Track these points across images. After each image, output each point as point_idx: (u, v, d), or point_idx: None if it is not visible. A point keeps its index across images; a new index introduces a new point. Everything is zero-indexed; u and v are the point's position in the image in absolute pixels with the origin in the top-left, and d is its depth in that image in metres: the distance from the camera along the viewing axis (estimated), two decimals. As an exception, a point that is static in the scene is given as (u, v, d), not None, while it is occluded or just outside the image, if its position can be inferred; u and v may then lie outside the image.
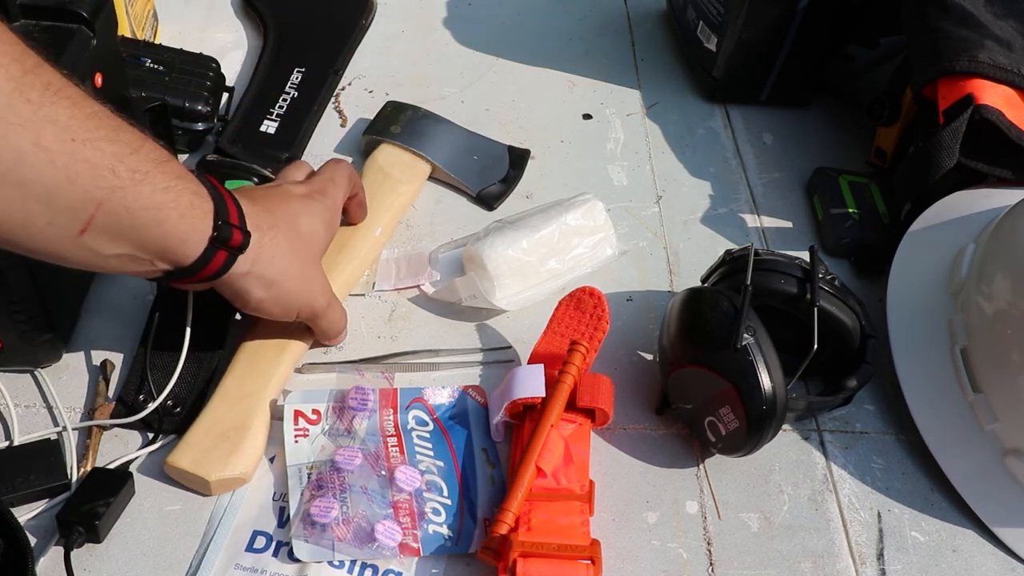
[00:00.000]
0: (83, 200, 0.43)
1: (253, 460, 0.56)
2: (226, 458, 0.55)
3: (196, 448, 0.55)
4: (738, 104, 0.91)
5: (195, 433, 0.56)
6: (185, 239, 0.48)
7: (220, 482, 0.55)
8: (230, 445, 0.55)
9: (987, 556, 0.57)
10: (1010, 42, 0.69)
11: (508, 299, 0.67)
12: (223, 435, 0.56)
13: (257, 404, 0.58)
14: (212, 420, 0.56)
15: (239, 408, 0.57)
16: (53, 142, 0.41)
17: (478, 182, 0.77)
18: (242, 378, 0.59)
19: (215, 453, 0.55)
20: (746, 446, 0.55)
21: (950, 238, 0.68)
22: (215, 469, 0.54)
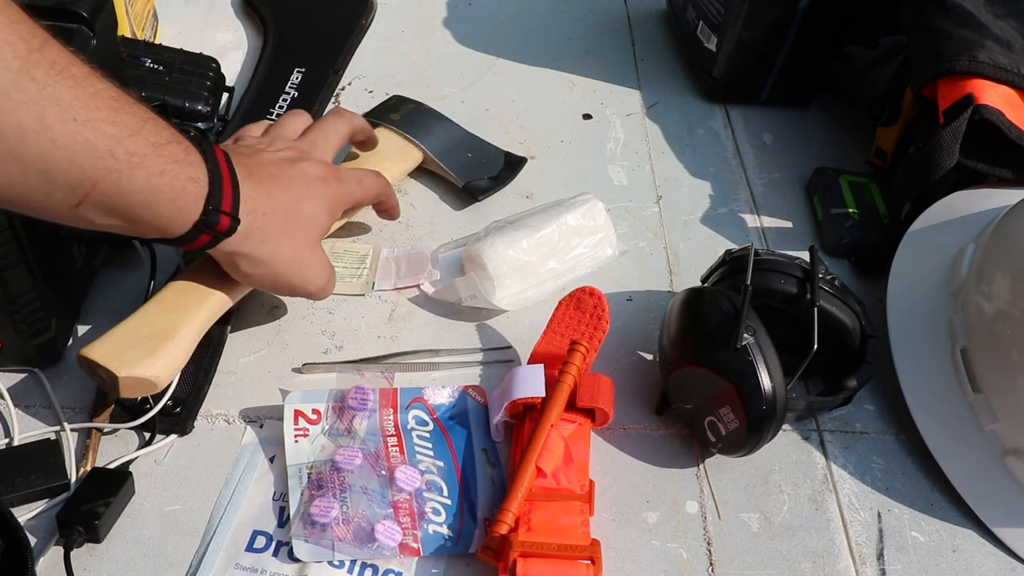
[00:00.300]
0: (80, 179, 0.44)
1: (169, 368, 0.54)
2: (141, 358, 0.53)
3: (114, 345, 0.53)
4: (738, 104, 0.91)
5: (117, 331, 0.54)
6: (173, 219, 0.50)
7: (129, 380, 0.53)
8: (150, 347, 0.53)
9: (987, 556, 0.57)
10: (1010, 42, 0.70)
11: (508, 299, 0.67)
12: (145, 337, 0.54)
13: (188, 317, 0.56)
14: (138, 323, 0.55)
15: (169, 316, 0.55)
16: (56, 121, 0.42)
17: (466, 175, 0.77)
18: (181, 291, 0.57)
19: (131, 351, 0.53)
20: (746, 446, 0.55)
21: (950, 238, 0.68)
22: (126, 366, 0.52)
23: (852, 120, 0.89)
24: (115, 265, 0.68)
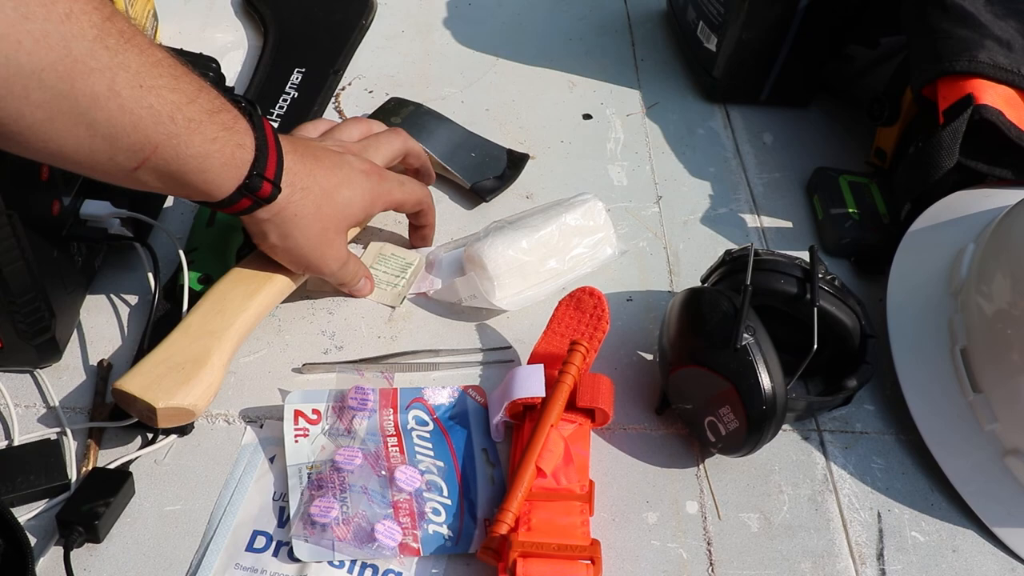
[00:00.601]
0: (142, 143, 0.47)
1: (206, 395, 0.54)
2: (177, 387, 0.53)
3: (148, 375, 0.53)
4: (738, 104, 0.91)
5: (149, 361, 0.54)
6: (221, 183, 0.52)
7: (168, 411, 0.53)
8: (183, 376, 0.54)
9: (987, 556, 0.57)
10: (1010, 42, 0.70)
11: (508, 299, 0.67)
12: (178, 366, 0.54)
13: (217, 342, 0.56)
14: (169, 352, 0.55)
15: (199, 343, 0.56)
16: (124, 87, 0.44)
17: (472, 175, 0.77)
18: (206, 316, 0.58)
19: (166, 381, 0.53)
20: (746, 446, 0.55)
21: (950, 238, 0.68)
22: (164, 396, 0.53)
23: (852, 120, 0.89)
24: (115, 265, 0.68)
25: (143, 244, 0.65)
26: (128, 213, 0.64)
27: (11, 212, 0.52)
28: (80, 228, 0.61)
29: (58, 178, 0.58)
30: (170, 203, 0.74)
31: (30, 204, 0.54)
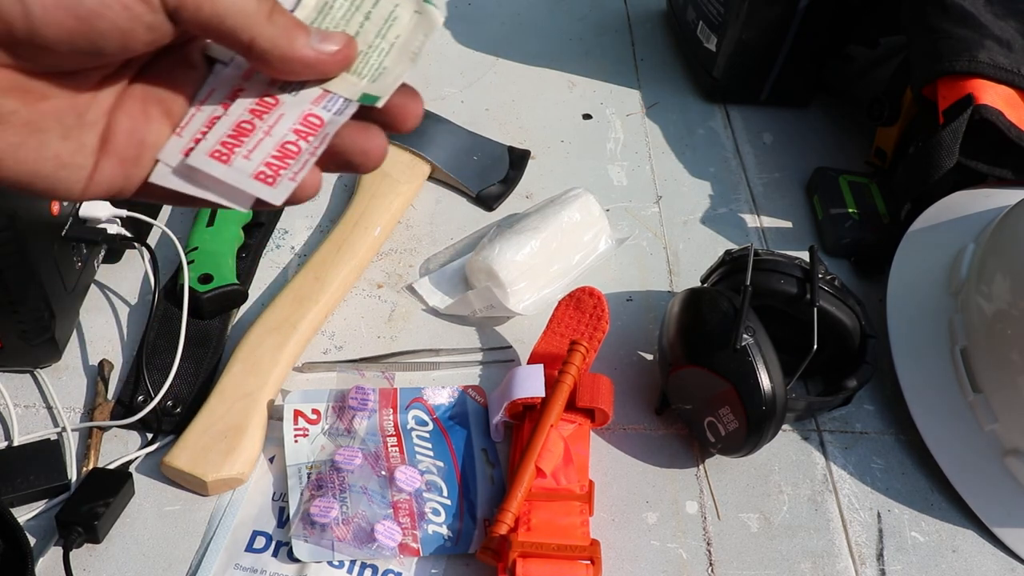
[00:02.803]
0: None
1: (250, 460, 0.56)
2: (223, 458, 0.55)
3: (193, 448, 0.55)
4: (738, 104, 0.91)
5: (192, 433, 0.56)
6: None
7: (217, 482, 0.55)
8: (227, 445, 0.55)
9: (987, 556, 0.57)
10: (1010, 42, 0.69)
11: (524, 304, 0.67)
12: (220, 435, 0.56)
13: (254, 404, 0.58)
14: (209, 420, 0.56)
15: (236, 408, 0.57)
16: None
17: (477, 183, 0.77)
18: (240, 377, 0.59)
19: (212, 453, 0.55)
20: (746, 446, 0.55)
21: (950, 238, 0.68)
22: (212, 469, 0.54)
23: (852, 120, 0.89)
24: (115, 265, 0.68)
25: (143, 244, 0.65)
26: (128, 213, 0.64)
27: (11, 212, 0.52)
28: (80, 228, 0.61)
29: (58, 178, 0.58)
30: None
31: (30, 204, 0.54)
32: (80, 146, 0.31)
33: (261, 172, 0.32)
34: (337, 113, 0.33)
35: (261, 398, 0.58)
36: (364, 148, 0.34)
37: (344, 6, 0.34)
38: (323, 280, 0.65)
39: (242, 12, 0.30)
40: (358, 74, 0.34)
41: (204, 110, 0.33)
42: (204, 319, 0.63)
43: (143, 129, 0.32)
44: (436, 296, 0.68)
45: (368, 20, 0.34)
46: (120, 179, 0.32)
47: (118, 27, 0.28)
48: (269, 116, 0.33)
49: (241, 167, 0.32)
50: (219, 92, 0.33)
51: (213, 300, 0.63)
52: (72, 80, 0.30)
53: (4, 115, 0.29)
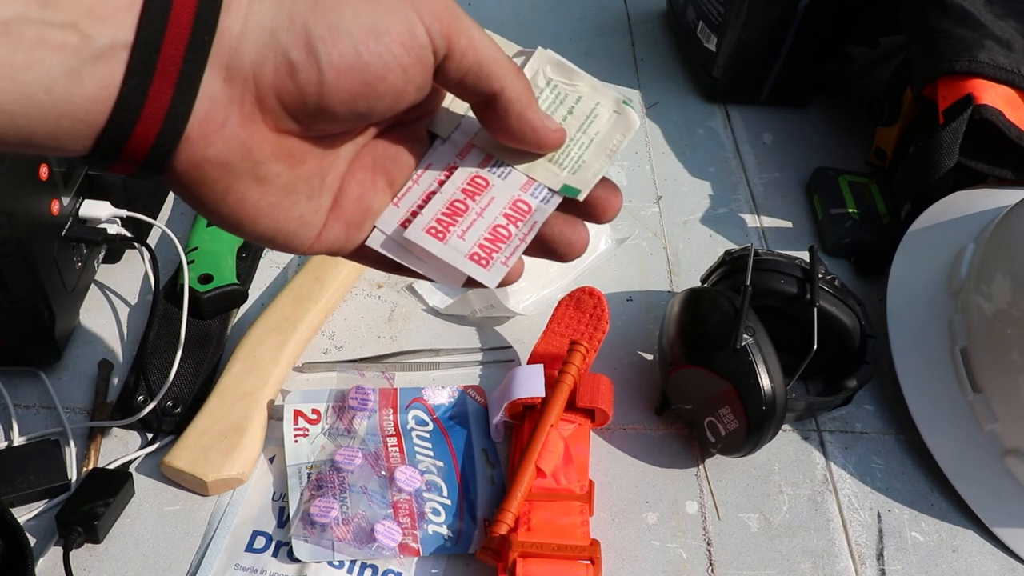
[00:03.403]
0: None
1: (250, 460, 0.56)
2: (223, 458, 0.55)
3: (193, 448, 0.55)
4: (738, 104, 0.91)
5: (192, 433, 0.56)
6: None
7: (217, 482, 0.55)
8: (227, 445, 0.55)
9: (987, 556, 0.57)
10: (1010, 42, 0.70)
11: (523, 304, 0.67)
12: (220, 435, 0.56)
13: (254, 404, 0.58)
14: (209, 420, 0.56)
15: (236, 408, 0.57)
16: None
17: None
18: (240, 378, 0.59)
19: (212, 453, 0.55)
20: (746, 446, 0.55)
21: (950, 238, 0.68)
22: (212, 469, 0.54)
23: (852, 120, 0.89)
24: (115, 265, 0.68)
25: (143, 244, 0.65)
26: (128, 213, 0.64)
27: (11, 212, 0.52)
28: (80, 228, 0.61)
29: (58, 178, 0.58)
30: (170, 203, 0.74)
31: (30, 204, 0.54)
32: (318, 207, 0.33)
33: (475, 253, 0.33)
34: (543, 201, 0.34)
35: (261, 398, 0.58)
36: (570, 240, 0.35)
37: (549, 99, 0.36)
38: (323, 280, 0.65)
39: (500, 63, 0.32)
40: (559, 164, 0.35)
41: (421, 184, 0.35)
42: (204, 319, 0.63)
43: (370, 196, 0.34)
44: (436, 296, 0.68)
45: (571, 114, 0.36)
46: (342, 239, 0.34)
47: (395, 88, 0.30)
48: (481, 198, 0.34)
49: (457, 246, 0.33)
50: (436, 167, 0.35)
51: (213, 300, 0.63)
52: (326, 144, 0.32)
53: (270, 177, 0.30)
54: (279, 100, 0.29)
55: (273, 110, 0.29)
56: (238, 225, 0.31)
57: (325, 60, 0.28)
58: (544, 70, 0.36)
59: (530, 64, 0.36)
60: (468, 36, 0.31)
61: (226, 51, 0.28)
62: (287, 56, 0.28)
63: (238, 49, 0.28)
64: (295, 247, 0.33)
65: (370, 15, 0.29)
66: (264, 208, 0.31)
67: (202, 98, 0.28)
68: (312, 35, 0.28)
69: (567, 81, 0.36)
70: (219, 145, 0.29)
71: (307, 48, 0.28)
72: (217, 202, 0.30)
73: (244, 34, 0.28)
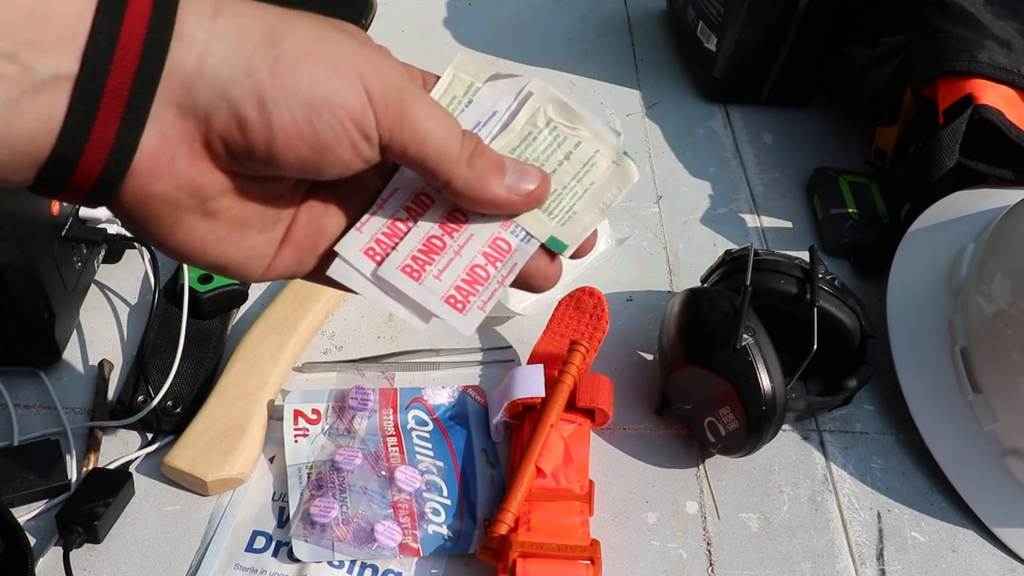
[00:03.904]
0: None
1: (250, 460, 0.56)
2: (223, 458, 0.55)
3: (193, 448, 0.55)
4: (738, 104, 0.91)
5: (192, 433, 0.56)
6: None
7: (217, 482, 0.55)
8: (227, 445, 0.55)
9: (987, 556, 0.57)
10: (1010, 42, 0.70)
11: (524, 304, 0.67)
12: (220, 435, 0.56)
13: (254, 404, 0.58)
14: (209, 420, 0.56)
15: (236, 408, 0.57)
16: None
17: None
18: (240, 378, 0.59)
19: (212, 453, 0.55)
20: (746, 446, 0.55)
21: (950, 238, 0.68)
22: (212, 469, 0.54)
23: (852, 120, 0.89)
24: (115, 265, 0.68)
25: (143, 244, 0.65)
26: (128, 213, 0.64)
27: (11, 212, 0.52)
28: (80, 228, 0.61)
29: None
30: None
31: (30, 204, 0.54)
32: (271, 238, 0.32)
33: (452, 296, 0.32)
34: (524, 241, 0.33)
35: (261, 398, 0.58)
36: (546, 274, 0.35)
37: (547, 140, 0.34)
38: None
39: (444, 157, 0.31)
40: (549, 212, 0.33)
41: (386, 209, 0.33)
42: (204, 319, 0.64)
43: (322, 219, 0.33)
44: None
45: (567, 160, 0.34)
46: (294, 265, 0.33)
47: (343, 160, 0.30)
48: (459, 235, 0.33)
49: (432, 287, 0.32)
50: (402, 193, 0.33)
51: (213, 300, 0.63)
52: (281, 182, 0.31)
53: (220, 212, 0.30)
54: (227, 149, 0.28)
55: (221, 156, 0.29)
56: (186, 256, 0.31)
57: (277, 123, 0.28)
58: (545, 109, 0.34)
59: (531, 103, 0.34)
60: (413, 130, 0.30)
61: (178, 87, 0.27)
62: (239, 111, 0.27)
63: (192, 88, 0.27)
64: (246, 277, 0.33)
65: (326, 84, 0.28)
66: (213, 241, 0.31)
67: (151, 132, 0.27)
68: (266, 95, 0.27)
69: (568, 123, 0.34)
70: (167, 180, 0.28)
71: (259, 107, 0.28)
72: (165, 235, 0.30)
73: (200, 74, 0.27)
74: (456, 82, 0.35)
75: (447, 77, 0.35)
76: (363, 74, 0.29)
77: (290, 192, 0.32)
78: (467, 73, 0.35)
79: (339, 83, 0.28)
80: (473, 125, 0.34)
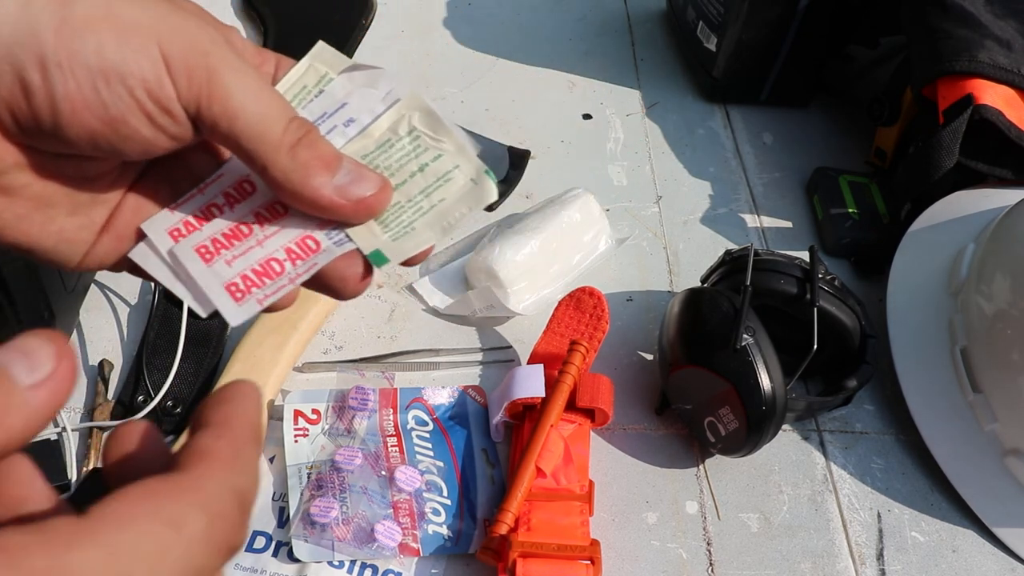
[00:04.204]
0: None
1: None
2: None
3: None
4: (738, 104, 0.91)
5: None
6: None
7: None
8: None
9: (987, 556, 0.57)
10: (1010, 42, 0.70)
11: (524, 304, 0.67)
12: None
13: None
14: None
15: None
16: None
17: None
18: (239, 377, 0.59)
19: None
20: (746, 446, 0.55)
21: (950, 238, 0.68)
22: None
23: (852, 120, 0.89)
24: (115, 265, 0.68)
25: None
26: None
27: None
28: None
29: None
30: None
31: (30, 204, 0.54)
32: (87, 223, 0.30)
33: (234, 284, 0.30)
34: (336, 244, 0.31)
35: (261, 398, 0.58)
36: (351, 286, 0.32)
37: (405, 149, 0.31)
38: None
39: (260, 138, 0.28)
40: (384, 224, 0.31)
41: (206, 193, 0.31)
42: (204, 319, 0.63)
43: (148, 207, 0.31)
44: (436, 296, 0.68)
45: (421, 172, 0.31)
46: (114, 255, 0.31)
47: (141, 135, 0.27)
48: (270, 226, 0.31)
49: (218, 272, 0.30)
50: (226, 178, 0.32)
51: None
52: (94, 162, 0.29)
53: (16, 188, 0.28)
54: (13, 118, 0.26)
55: (9, 126, 0.26)
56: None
57: (60, 90, 0.25)
58: (411, 117, 0.32)
59: (396, 108, 0.32)
60: (223, 104, 0.27)
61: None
62: (23, 75, 0.25)
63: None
64: (59, 263, 0.30)
65: (116, 51, 0.25)
66: (10, 219, 0.28)
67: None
68: (48, 59, 0.25)
69: (432, 135, 0.31)
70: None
71: (42, 72, 0.25)
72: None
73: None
74: (310, 72, 0.32)
75: (302, 65, 0.32)
76: (162, 39, 0.26)
77: (113, 175, 0.30)
78: (323, 63, 0.32)
79: (130, 49, 0.26)
80: (318, 115, 0.31)
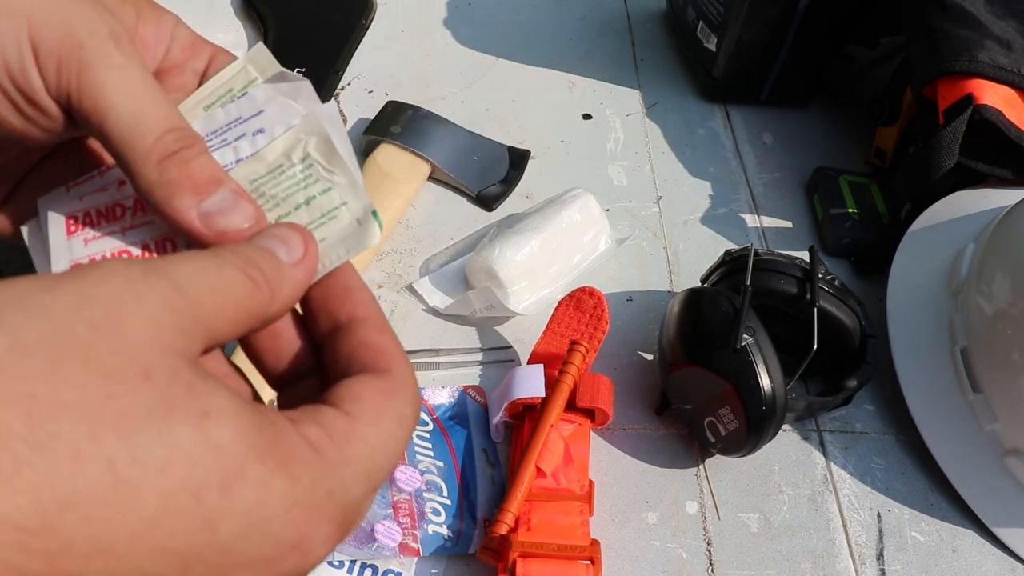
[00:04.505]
0: None
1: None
2: None
3: None
4: (738, 104, 0.91)
5: None
6: None
7: None
8: None
9: (987, 556, 0.57)
10: (1010, 42, 0.70)
11: (524, 304, 0.67)
12: None
13: None
14: None
15: None
16: None
17: (478, 183, 0.77)
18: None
19: None
20: (746, 446, 0.55)
21: (950, 238, 0.68)
22: None
23: (852, 120, 0.89)
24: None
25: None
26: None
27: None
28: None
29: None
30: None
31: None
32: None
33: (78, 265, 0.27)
34: None
35: (261, 398, 0.58)
36: None
37: (296, 177, 0.29)
38: None
39: (128, 143, 0.25)
40: None
41: (105, 176, 0.30)
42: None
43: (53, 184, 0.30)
44: (436, 296, 0.68)
45: (307, 206, 0.29)
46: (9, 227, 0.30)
47: (11, 124, 0.26)
48: (142, 216, 0.29)
49: (73, 248, 0.28)
50: None
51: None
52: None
53: None
54: None
55: None
56: None
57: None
58: (308, 142, 0.29)
59: (294, 132, 0.29)
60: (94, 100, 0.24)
61: None
62: None
63: None
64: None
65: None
66: None
67: None
68: None
69: (325, 165, 0.29)
70: None
71: None
72: None
73: None
74: (241, 74, 0.30)
75: (235, 66, 0.31)
76: (33, 25, 0.24)
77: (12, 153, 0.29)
78: (256, 67, 0.30)
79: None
80: (233, 119, 0.30)
